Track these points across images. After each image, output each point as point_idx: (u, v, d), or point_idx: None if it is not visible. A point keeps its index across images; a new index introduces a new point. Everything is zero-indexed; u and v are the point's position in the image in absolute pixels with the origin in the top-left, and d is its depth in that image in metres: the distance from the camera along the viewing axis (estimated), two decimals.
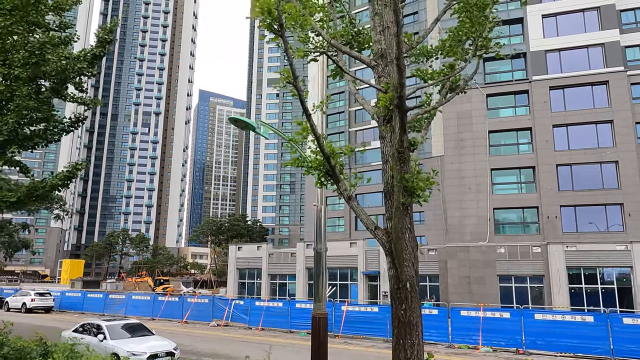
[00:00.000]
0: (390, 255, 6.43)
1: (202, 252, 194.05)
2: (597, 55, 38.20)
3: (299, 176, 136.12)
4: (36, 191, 10.64)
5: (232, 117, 8.72)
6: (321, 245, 9.18)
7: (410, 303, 6.30)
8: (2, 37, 10.00)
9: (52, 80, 11.09)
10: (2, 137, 10.12)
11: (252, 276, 51.45)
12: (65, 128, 11.79)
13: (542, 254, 36.39)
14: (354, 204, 6.97)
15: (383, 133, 6.83)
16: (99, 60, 11.56)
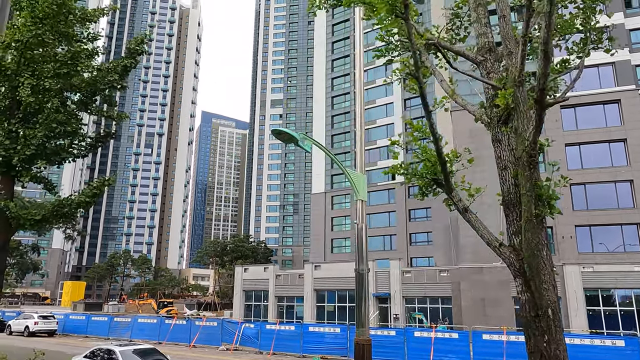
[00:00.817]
0: (523, 276, 5.61)
1: (204, 274, 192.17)
2: (608, 74, 38.07)
3: (302, 197, 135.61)
4: (62, 209, 10.13)
5: (275, 129, 8.27)
6: (363, 265, 8.64)
7: (554, 334, 5.57)
8: (32, 46, 9.66)
9: (81, 92, 10.70)
10: (29, 151, 9.67)
11: (259, 298, 50.45)
12: (94, 143, 11.35)
13: (558, 275, 35.54)
14: (470, 217, 6.22)
15: (499, 136, 6.13)
16: (129, 72, 11.20)
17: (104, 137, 11.35)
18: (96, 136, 11.27)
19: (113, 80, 10.90)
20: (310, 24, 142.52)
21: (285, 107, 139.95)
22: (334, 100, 74.65)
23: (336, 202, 71.10)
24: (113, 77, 10.88)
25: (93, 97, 10.91)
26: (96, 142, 11.40)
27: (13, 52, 9.71)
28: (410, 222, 63.25)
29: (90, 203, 10.67)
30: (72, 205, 10.25)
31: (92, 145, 11.38)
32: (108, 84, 10.87)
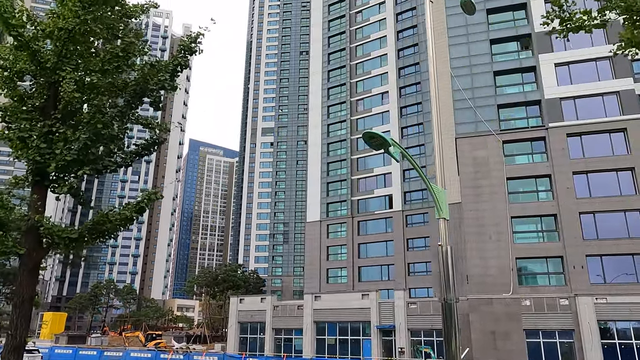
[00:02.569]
0: None
1: (189, 305, 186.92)
2: (613, 103, 38.11)
3: (292, 225, 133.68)
4: (102, 225, 8.84)
5: (368, 132, 7.24)
6: (451, 294, 7.52)
7: None
8: (77, 36, 8.55)
9: (129, 90, 9.53)
10: (70, 156, 8.42)
11: (255, 330, 48.35)
12: (139, 151, 10.14)
13: (570, 307, 34.56)
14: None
15: None
16: (180, 73, 10.09)
17: (151, 144, 10.13)
18: (143, 143, 10.03)
19: (164, 80, 9.80)
20: (303, 54, 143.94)
21: (276, 135, 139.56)
22: (330, 127, 74.22)
23: (332, 231, 69.65)
24: (164, 76, 9.79)
25: (141, 98, 9.77)
26: (142, 150, 10.19)
27: (55, 43, 8.59)
28: (408, 252, 62.02)
29: (133, 219, 9.42)
30: (116, 221, 8.97)
31: (137, 153, 10.16)
32: (159, 84, 9.77)
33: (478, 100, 41.31)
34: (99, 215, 9.09)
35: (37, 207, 8.65)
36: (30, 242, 8.56)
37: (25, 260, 8.42)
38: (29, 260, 8.42)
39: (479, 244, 38.18)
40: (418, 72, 67.26)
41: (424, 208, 61.91)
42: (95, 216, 9.12)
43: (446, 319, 7.37)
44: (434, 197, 7.94)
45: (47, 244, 8.63)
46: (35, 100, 9.23)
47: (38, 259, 8.61)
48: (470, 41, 43.18)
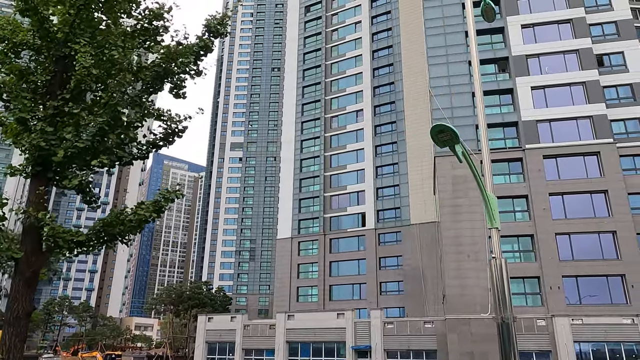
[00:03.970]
0: None
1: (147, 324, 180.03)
2: (587, 127, 39.11)
3: (259, 242, 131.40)
4: (114, 227, 7.58)
5: (438, 124, 6.45)
6: (507, 313, 6.77)
7: None
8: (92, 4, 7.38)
9: (152, 72, 8.35)
10: (82, 143, 7.14)
11: (224, 351, 46.30)
12: (157, 142, 8.88)
13: (547, 327, 34.59)
14: None
15: None
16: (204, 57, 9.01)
17: (171, 134, 8.91)
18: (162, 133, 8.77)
19: (187, 63, 8.69)
20: (275, 70, 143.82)
21: (245, 150, 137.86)
22: (303, 144, 73.54)
23: (303, 248, 68.40)
24: (188, 58, 8.68)
25: (162, 82, 8.59)
26: (160, 141, 8.95)
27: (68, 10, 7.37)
28: (380, 270, 61.44)
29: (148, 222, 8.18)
30: (130, 223, 7.71)
31: (155, 144, 8.92)
32: (182, 67, 8.65)
33: (457, 120, 41.59)
34: (111, 216, 7.86)
35: (38, 202, 7.39)
36: (28, 245, 7.28)
37: (21, 267, 7.12)
38: (26, 267, 7.12)
39: (457, 263, 37.97)
40: (393, 91, 67.81)
41: (397, 227, 61.74)
42: (106, 217, 7.88)
43: (504, 340, 6.60)
44: (488, 206, 7.21)
45: (47, 247, 7.36)
46: (38, 77, 7.99)
47: (37, 266, 7.31)
48: (450, 62, 43.69)
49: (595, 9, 42.77)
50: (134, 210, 8.03)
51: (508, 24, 43.16)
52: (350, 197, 66.89)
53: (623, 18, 41.79)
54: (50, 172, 7.67)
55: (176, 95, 8.97)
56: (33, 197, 7.58)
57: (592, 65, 40.46)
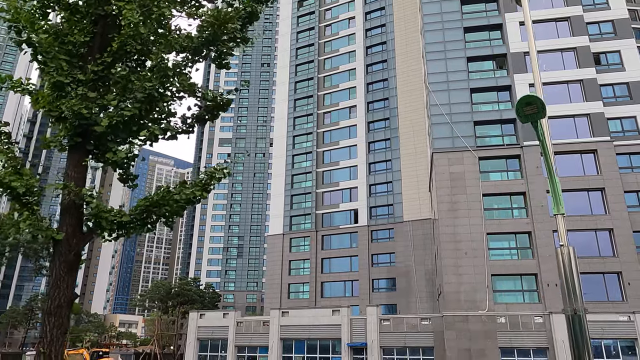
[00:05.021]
0: None
1: (132, 320, 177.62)
2: (584, 125, 39.19)
3: (247, 239, 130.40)
4: (162, 207, 6.89)
5: (527, 95, 5.92)
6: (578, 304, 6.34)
7: None
8: None
9: (201, 36, 7.63)
10: (129, 111, 6.42)
11: (216, 348, 45.56)
12: (203, 115, 8.16)
13: (544, 324, 34.60)
14: None
15: None
16: (251, 24, 8.34)
17: (217, 107, 8.17)
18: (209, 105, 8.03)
19: (235, 30, 7.99)
20: (264, 66, 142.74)
21: (234, 146, 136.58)
22: (295, 139, 72.84)
23: (294, 245, 67.80)
24: (235, 25, 8.00)
25: (209, 49, 7.88)
26: (207, 114, 8.24)
27: None
28: (373, 267, 61.16)
29: (195, 202, 7.50)
30: (178, 202, 7.03)
31: (200, 118, 8.21)
32: (229, 33, 7.95)
33: (455, 116, 41.40)
34: (157, 196, 7.17)
35: (78, 177, 6.70)
36: (68, 225, 6.59)
37: (62, 249, 6.43)
38: (67, 249, 6.44)
39: (454, 260, 37.75)
40: (386, 87, 67.47)
41: (390, 223, 61.51)
42: (152, 196, 7.19)
43: (576, 334, 6.16)
44: (555, 190, 6.76)
45: (88, 228, 6.68)
46: (76, 38, 7.17)
47: (78, 248, 6.63)
48: (448, 57, 43.43)
49: (592, 7, 42.88)
50: (179, 189, 7.36)
51: (506, 20, 43.05)
52: (343, 193, 66.46)
53: (620, 17, 41.96)
54: (90, 144, 6.97)
55: (220, 65, 8.32)
56: (72, 171, 6.86)
57: (589, 64, 40.55)
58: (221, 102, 8.23)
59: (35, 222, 6.19)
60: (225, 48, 8.04)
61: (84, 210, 6.79)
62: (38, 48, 6.85)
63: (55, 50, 6.88)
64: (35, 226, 6.14)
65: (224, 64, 8.37)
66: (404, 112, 64.47)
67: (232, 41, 8.12)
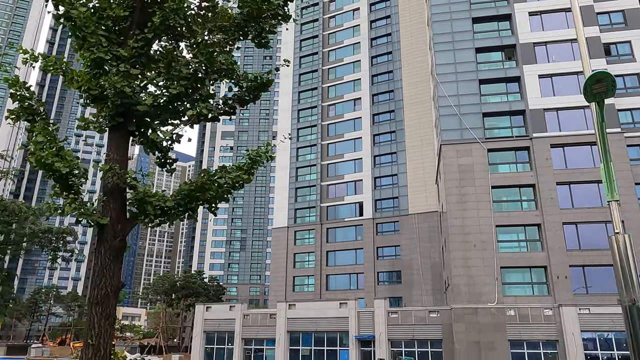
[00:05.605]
0: None
1: (135, 313, 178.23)
2: None
3: (250, 232, 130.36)
4: (206, 191, 6.61)
5: (598, 72, 5.63)
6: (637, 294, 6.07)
7: None
8: None
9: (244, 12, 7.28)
10: (175, 89, 6.06)
11: (223, 340, 45.50)
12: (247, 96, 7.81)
13: (554, 317, 34.42)
14: None
15: None
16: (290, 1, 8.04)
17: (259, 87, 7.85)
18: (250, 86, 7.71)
19: (276, 6, 7.65)
20: (266, 58, 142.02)
21: (236, 139, 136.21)
22: (300, 132, 72.44)
23: (299, 238, 67.65)
24: (278, 0, 7.67)
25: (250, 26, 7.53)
26: (249, 94, 7.93)
27: None
28: (378, 260, 61.02)
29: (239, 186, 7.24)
30: (224, 185, 6.76)
31: (242, 99, 7.88)
32: (272, 10, 7.59)
33: (463, 108, 41.02)
34: (202, 179, 6.88)
35: (122, 160, 6.43)
36: (112, 210, 6.33)
37: (107, 235, 6.18)
38: (112, 235, 6.19)
39: (463, 252, 37.54)
40: (391, 79, 67.00)
41: (395, 216, 61.28)
42: (196, 180, 6.89)
43: (634, 325, 5.88)
44: (609, 176, 6.47)
45: (131, 214, 6.42)
46: (116, 11, 6.76)
47: (123, 234, 6.37)
48: (456, 48, 42.98)
49: None
50: (221, 173, 7.07)
51: (515, 11, 42.54)
52: (348, 186, 66.20)
53: (631, 7, 41.43)
54: (132, 124, 6.67)
55: (259, 44, 8.01)
56: (114, 153, 6.58)
57: (599, 54, 40.05)
58: (262, 82, 7.93)
59: (80, 206, 5.92)
60: (266, 25, 7.71)
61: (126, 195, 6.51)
62: (77, 22, 6.52)
63: (94, 25, 6.55)
64: (80, 210, 5.87)
65: (263, 42, 8.06)
66: (409, 104, 64.03)
67: (273, 18, 7.80)
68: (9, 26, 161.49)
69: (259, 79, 7.92)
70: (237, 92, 7.85)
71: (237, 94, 7.88)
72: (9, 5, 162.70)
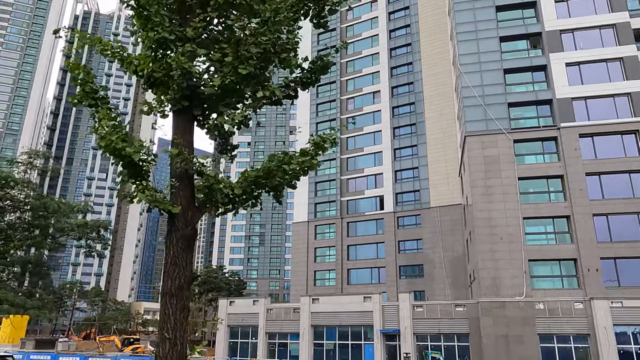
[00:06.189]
0: None
1: (155, 308, 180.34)
2: (624, 105, 37.70)
3: (269, 227, 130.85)
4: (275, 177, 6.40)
5: None
6: None
7: None
8: None
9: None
10: (245, 69, 5.80)
11: (246, 335, 45.65)
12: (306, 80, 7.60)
13: (585, 311, 33.65)
14: None
15: None
16: None
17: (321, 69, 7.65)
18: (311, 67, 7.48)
19: None
20: None
21: (254, 134, 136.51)
22: (318, 126, 72.11)
23: (319, 232, 67.51)
24: None
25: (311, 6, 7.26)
26: (312, 76, 7.72)
27: None
28: (399, 254, 60.56)
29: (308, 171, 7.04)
30: (289, 173, 6.54)
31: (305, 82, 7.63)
32: None
33: (488, 98, 40.24)
34: (273, 164, 6.62)
35: (186, 145, 6.22)
36: (182, 198, 6.14)
37: (179, 223, 6.01)
38: (184, 223, 6.01)
39: (489, 245, 36.92)
40: (411, 72, 66.19)
41: (417, 210, 60.69)
42: (264, 166, 6.68)
43: None
44: None
45: (199, 202, 6.23)
46: None
47: (193, 223, 6.19)
48: (480, 38, 42.12)
49: None
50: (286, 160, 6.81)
51: None
52: (368, 180, 65.76)
53: None
54: (198, 107, 6.43)
55: (318, 24, 7.74)
56: (180, 138, 6.37)
57: (629, 41, 38.88)
58: (324, 64, 7.65)
59: (153, 193, 5.73)
60: (328, 4, 7.42)
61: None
62: (141, 1, 6.29)
63: (157, 4, 6.24)
64: (153, 197, 5.67)
65: (322, 23, 7.77)
66: (429, 96, 63.20)
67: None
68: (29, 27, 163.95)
69: (321, 60, 7.64)
70: (299, 74, 7.58)
71: (300, 77, 7.61)
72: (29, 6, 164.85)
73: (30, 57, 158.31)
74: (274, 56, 6.59)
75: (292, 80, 7.60)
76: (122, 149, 5.89)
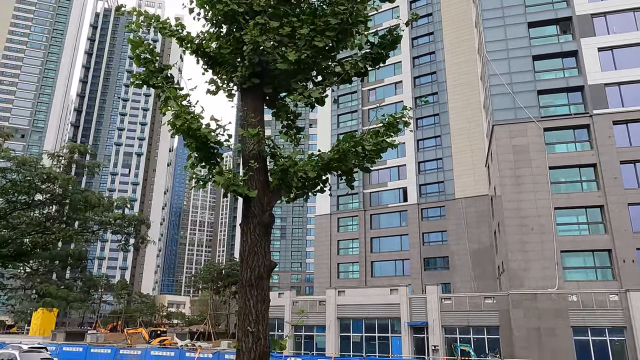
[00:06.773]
0: None
1: (179, 301, 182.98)
2: None
3: (290, 220, 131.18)
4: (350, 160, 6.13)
5: None
6: None
7: None
8: None
9: None
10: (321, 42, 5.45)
11: (272, 327, 45.68)
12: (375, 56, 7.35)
13: (620, 303, 32.71)
14: None
15: None
16: None
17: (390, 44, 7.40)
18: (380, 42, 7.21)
19: None
20: None
21: (273, 127, 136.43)
22: (340, 118, 71.66)
23: (342, 225, 67.24)
24: None
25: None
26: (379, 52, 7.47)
27: None
28: (424, 246, 59.92)
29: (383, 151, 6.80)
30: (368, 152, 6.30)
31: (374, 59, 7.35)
32: None
33: (516, 86, 39.25)
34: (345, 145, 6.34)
35: (257, 125, 5.99)
36: (257, 181, 5.89)
37: (255, 209, 5.75)
38: (260, 209, 5.77)
39: (519, 236, 36.13)
40: (433, 61, 65.15)
41: (441, 201, 59.90)
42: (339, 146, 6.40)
43: None
44: None
45: (274, 186, 5.98)
46: None
47: (269, 207, 5.97)
48: (507, 24, 41.06)
49: None
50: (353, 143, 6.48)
51: None
52: (391, 171, 65.11)
53: None
54: (269, 85, 6.16)
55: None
56: (251, 118, 6.11)
57: None
58: (394, 38, 7.32)
59: (230, 177, 5.46)
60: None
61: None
62: None
63: None
64: (229, 181, 5.40)
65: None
66: (453, 85, 62.11)
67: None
68: (52, 25, 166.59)
69: (390, 34, 7.30)
70: (369, 49, 7.25)
71: (370, 52, 7.27)
72: (51, 5, 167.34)
73: (54, 55, 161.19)
74: (350, 27, 6.24)
75: (362, 56, 7.26)
76: (198, 129, 5.61)
